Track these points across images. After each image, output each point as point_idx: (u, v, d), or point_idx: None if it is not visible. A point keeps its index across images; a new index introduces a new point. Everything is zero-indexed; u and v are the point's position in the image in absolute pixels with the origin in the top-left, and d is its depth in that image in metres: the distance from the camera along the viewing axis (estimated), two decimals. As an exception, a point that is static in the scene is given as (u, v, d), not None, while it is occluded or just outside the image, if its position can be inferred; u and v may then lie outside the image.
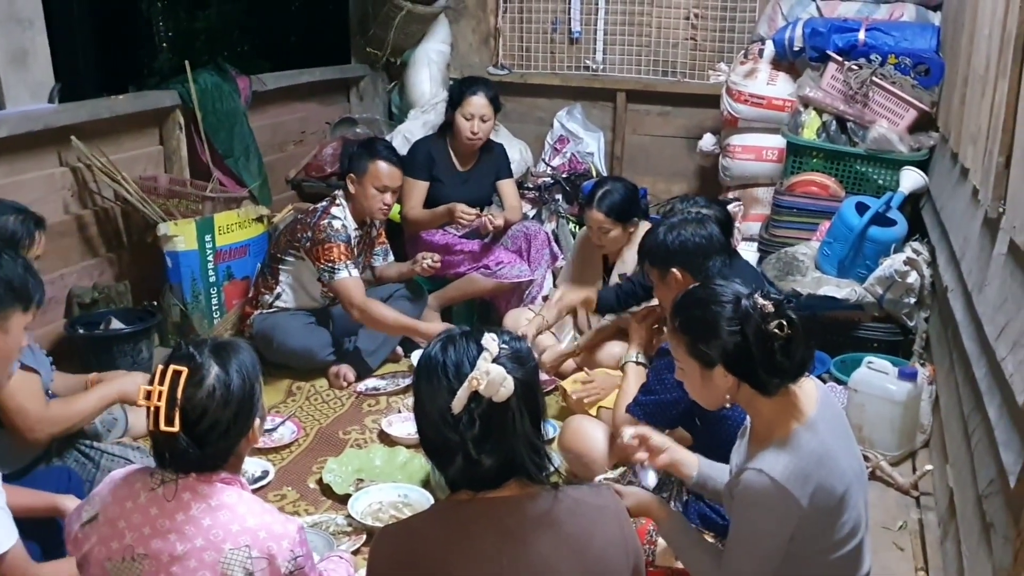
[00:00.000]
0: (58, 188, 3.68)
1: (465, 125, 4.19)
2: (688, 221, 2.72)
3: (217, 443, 1.65)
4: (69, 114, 3.65)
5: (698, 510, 2.46)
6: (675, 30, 5.14)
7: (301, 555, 1.69)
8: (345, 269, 3.60)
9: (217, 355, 1.67)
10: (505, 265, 4.17)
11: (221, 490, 1.66)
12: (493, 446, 1.48)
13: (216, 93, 4.25)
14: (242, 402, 1.67)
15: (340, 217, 3.68)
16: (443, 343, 1.55)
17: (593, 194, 3.55)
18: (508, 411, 1.48)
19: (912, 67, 4.02)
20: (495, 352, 1.48)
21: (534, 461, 1.52)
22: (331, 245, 3.60)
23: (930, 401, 3.19)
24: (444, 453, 1.52)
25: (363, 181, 3.70)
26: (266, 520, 1.67)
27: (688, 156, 5.11)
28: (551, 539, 1.51)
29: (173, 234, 3.78)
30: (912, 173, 3.87)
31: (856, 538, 1.88)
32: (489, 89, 4.28)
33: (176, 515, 1.62)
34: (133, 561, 1.61)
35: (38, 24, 3.61)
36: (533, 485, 1.54)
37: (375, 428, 3.43)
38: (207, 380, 1.63)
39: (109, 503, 1.67)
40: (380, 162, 3.69)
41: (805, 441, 1.80)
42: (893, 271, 3.54)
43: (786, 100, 4.32)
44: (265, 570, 1.63)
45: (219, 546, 1.61)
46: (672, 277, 2.65)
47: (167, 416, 1.58)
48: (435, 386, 1.51)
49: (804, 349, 1.80)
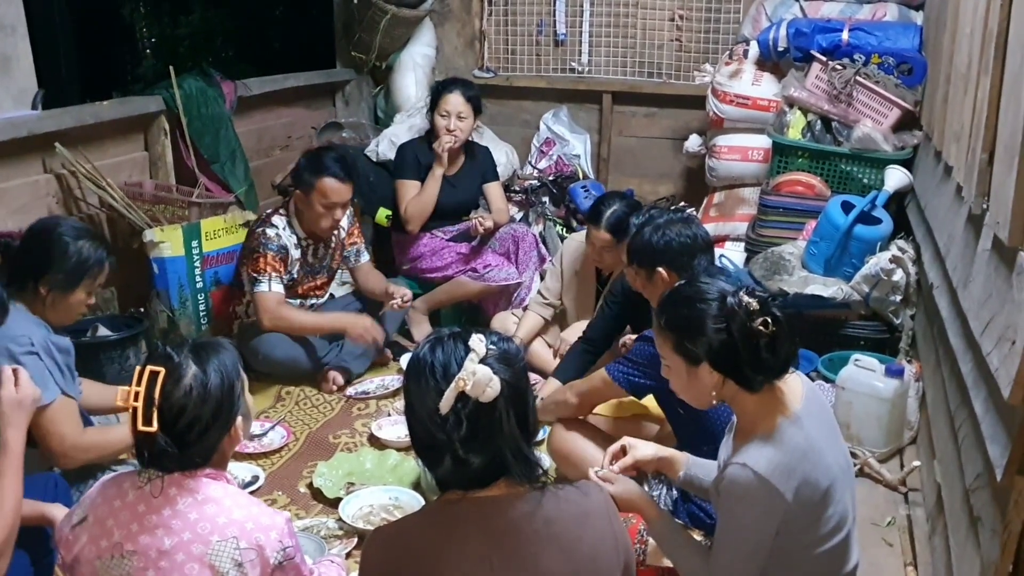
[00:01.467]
0: (43, 195, 3.65)
1: (441, 122, 4.19)
2: (674, 221, 2.73)
3: (197, 442, 1.66)
4: (53, 120, 3.62)
5: (687, 509, 2.47)
6: (660, 32, 5.16)
7: (290, 546, 1.70)
8: (266, 282, 3.56)
9: (196, 355, 1.69)
10: (493, 268, 4.17)
11: (207, 484, 1.67)
12: (480, 446, 1.50)
13: (201, 98, 4.23)
14: (221, 400, 1.68)
15: (277, 226, 3.64)
16: (431, 344, 1.57)
17: (598, 213, 3.48)
18: (495, 411, 1.49)
19: (895, 66, 4.04)
20: (482, 353, 1.49)
21: (520, 463, 1.53)
22: (259, 255, 3.57)
23: (917, 398, 3.21)
24: (433, 453, 1.54)
25: (310, 197, 3.60)
26: (253, 512, 1.68)
27: (674, 157, 5.12)
28: (540, 539, 1.52)
29: (159, 240, 3.75)
30: (896, 172, 3.90)
31: (842, 532, 1.89)
32: (467, 88, 4.27)
33: (163, 510, 1.63)
34: (122, 558, 1.62)
35: (20, 30, 3.60)
36: (521, 485, 1.54)
37: (365, 432, 3.42)
38: (184, 379, 1.64)
39: (99, 504, 1.68)
40: (327, 178, 3.57)
41: (789, 435, 1.81)
42: (879, 269, 3.56)
43: (771, 100, 4.34)
44: (255, 561, 1.64)
45: (206, 538, 1.62)
46: (658, 276, 2.66)
47: (144, 416, 1.59)
48: (423, 387, 1.52)
49: (789, 346, 1.82)
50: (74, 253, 2.53)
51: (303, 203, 3.66)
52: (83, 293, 2.57)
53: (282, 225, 3.68)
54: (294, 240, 3.72)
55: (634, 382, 2.56)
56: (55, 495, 2.29)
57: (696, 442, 2.38)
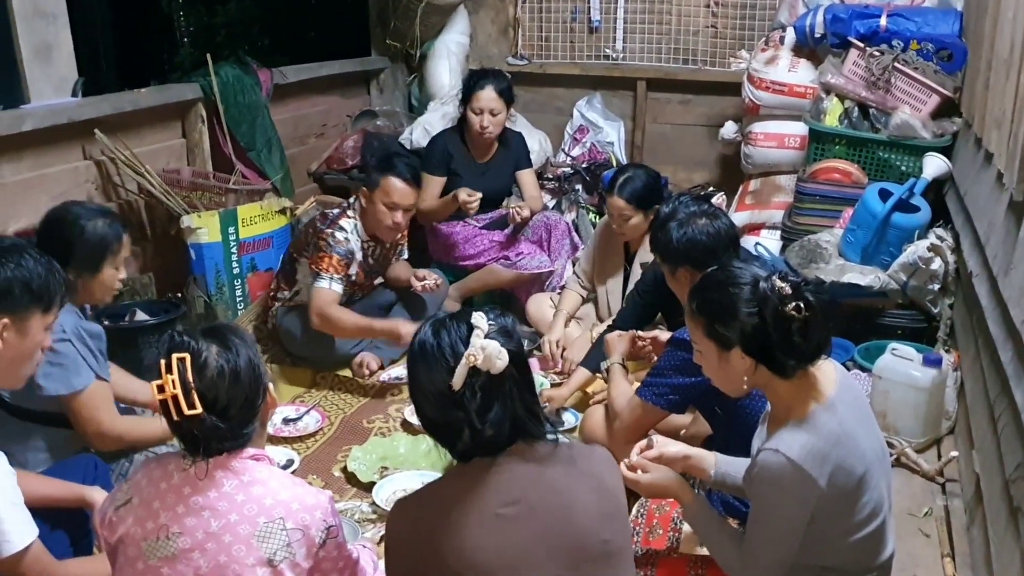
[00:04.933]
0: (82, 181, 3.71)
1: (475, 120, 4.18)
2: (698, 214, 2.67)
3: (241, 414, 1.68)
4: (93, 108, 3.68)
5: (721, 497, 2.45)
6: (695, 18, 5.12)
7: (334, 524, 1.72)
8: (328, 280, 3.57)
9: (211, 337, 1.70)
10: (525, 256, 4.17)
11: (253, 467, 1.69)
12: (496, 415, 1.57)
13: (238, 86, 4.27)
14: (249, 370, 1.70)
15: (347, 230, 3.64)
16: (433, 328, 1.63)
17: (615, 180, 3.54)
18: (504, 381, 1.57)
19: (935, 52, 3.98)
20: (486, 329, 1.57)
21: (532, 421, 1.63)
22: (325, 255, 3.57)
23: (955, 387, 3.17)
24: (450, 430, 1.61)
25: (374, 196, 3.62)
26: (298, 492, 1.70)
27: (709, 144, 5.09)
28: (569, 472, 1.62)
29: (197, 226, 3.80)
30: (935, 159, 3.84)
31: (877, 520, 1.87)
32: (499, 81, 4.24)
33: (209, 492, 1.64)
34: (168, 539, 1.63)
35: (61, 19, 3.65)
36: (537, 442, 1.64)
37: (398, 417, 3.45)
38: (211, 360, 1.66)
39: (143, 485, 1.69)
40: (393, 178, 3.58)
41: (823, 421, 1.79)
42: (917, 257, 3.51)
43: (808, 87, 4.29)
44: (300, 541, 1.66)
45: (254, 520, 1.63)
46: (682, 273, 2.64)
47: (187, 400, 1.60)
48: (432, 368, 1.60)
49: (822, 331, 1.80)
50: (91, 234, 2.52)
51: (367, 200, 3.65)
52: (111, 269, 2.57)
53: (350, 228, 3.65)
54: (359, 243, 3.71)
55: (670, 399, 2.51)
56: (95, 477, 2.31)
57: (731, 442, 2.35)
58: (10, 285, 1.89)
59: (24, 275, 1.91)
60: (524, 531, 1.57)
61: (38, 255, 2.00)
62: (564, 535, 1.58)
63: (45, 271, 1.98)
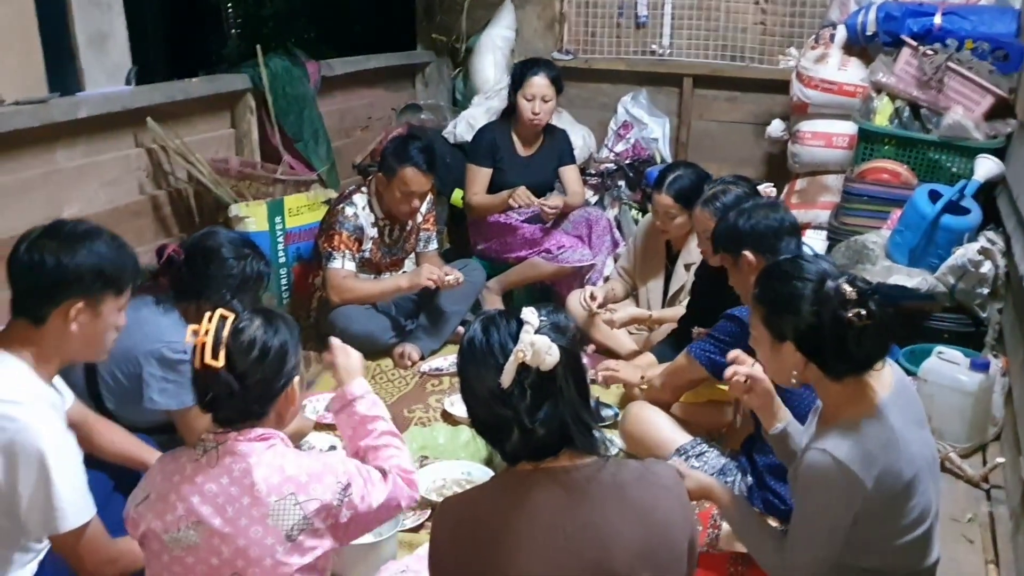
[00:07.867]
0: (134, 169, 3.78)
1: (526, 106, 4.19)
2: (760, 205, 2.68)
3: (257, 387, 1.73)
4: (145, 96, 3.74)
5: (761, 496, 2.45)
6: (744, 14, 5.07)
7: (346, 483, 1.76)
8: (339, 259, 3.63)
9: (261, 313, 1.78)
10: (567, 249, 4.17)
11: (260, 448, 1.73)
12: (545, 414, 1.52)
13: (286, 77, 4.31)
14: (281, 353, 1.75)
15: (357, 205, 3.70)
16: (483, 325, 1.59)
17: (663, 178, 3.52)
18: (555, 379, 1.52)
19: (990, 52, 3.90)
20: (536, 324, 1.52)
21: (581, 431, 1.55)
22: (334, 232, 3.65)
23: (1002, 393, 3.13)
24: (499, 430, 1.56)
25: (390, 183, 3.68)
26: (304, 463, 1.74)
27: (756, 142, 5.04)
28: (615, 503, 1.53)
29: (244, 215, 3.84)
30: (988, 161, 3.78)
31: (924, 525, 1.86)
32: (551, 70, 4.26)
33: (220, 479, 1.70)
34: (188, 530, 1.69)
35: (116, 7, 3.71)
36: (585, 455, 1.56)
37: (438, 407, 3.47)
38: (250, 327, 1.73)
39: (158, 481, 1.75)
40: (409, 167, 3.62)
41: (872, 427, 1.78)
42: (966, 260, 3.46)
43: (858, 86, 4.23)
44: (319, 509, 1.71)
45: (264, 500, 1.68)
46: (744, 261, 2.60)
47: (213, 350, 1.67)
48: (482, 366, 1.55)
49: (877, 342, 1.78)
50: (237, 271, 2.66)
51: (383, 186, 3.72)
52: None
53: (362, 204, 3.74)
54: (372, 219, 3.77)
55: (713, 359, 2.55)
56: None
57: None
58: (82, 271, 1.93)
59: (95, 260, 1.95)
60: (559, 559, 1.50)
61: (111, 239, 2.03)
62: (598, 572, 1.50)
63: (117, 256, 2.02)
